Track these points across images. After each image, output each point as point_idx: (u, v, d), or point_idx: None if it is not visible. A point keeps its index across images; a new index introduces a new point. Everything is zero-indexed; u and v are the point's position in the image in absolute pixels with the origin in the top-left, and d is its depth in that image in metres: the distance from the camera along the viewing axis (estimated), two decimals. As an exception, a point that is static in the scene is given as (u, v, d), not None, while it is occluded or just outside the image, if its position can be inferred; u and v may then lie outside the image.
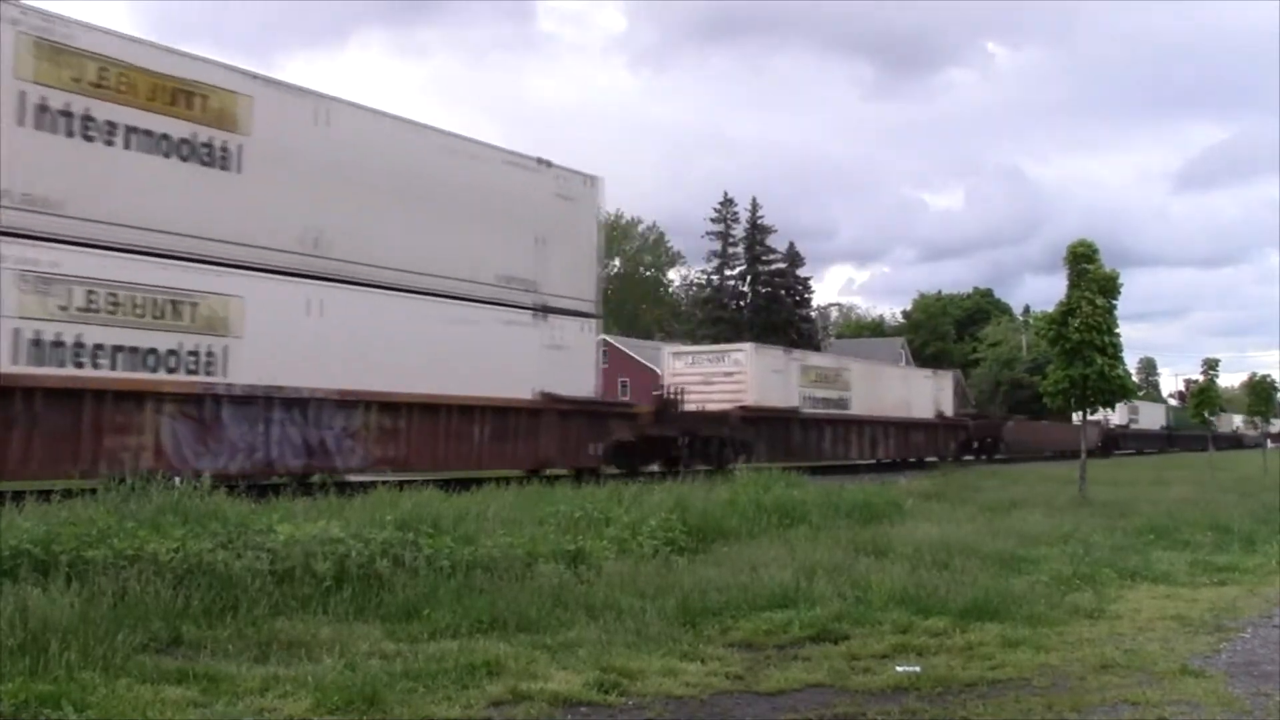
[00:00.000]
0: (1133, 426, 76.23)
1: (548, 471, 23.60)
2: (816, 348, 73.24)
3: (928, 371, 50.54)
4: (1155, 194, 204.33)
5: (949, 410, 48.46)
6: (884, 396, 42.31)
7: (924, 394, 46.15)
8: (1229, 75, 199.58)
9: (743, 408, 32.88)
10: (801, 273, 79.43)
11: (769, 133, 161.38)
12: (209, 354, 17.18)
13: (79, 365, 15.54)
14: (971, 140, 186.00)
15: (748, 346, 36.23)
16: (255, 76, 18.52)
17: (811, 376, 37.48)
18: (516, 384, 22.64)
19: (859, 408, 39.92)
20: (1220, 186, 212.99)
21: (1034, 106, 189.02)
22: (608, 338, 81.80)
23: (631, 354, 78.39)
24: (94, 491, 11.00)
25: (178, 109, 16.93)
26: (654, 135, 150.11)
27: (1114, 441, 68.84)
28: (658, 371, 54.65)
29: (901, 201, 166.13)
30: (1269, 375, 52.96)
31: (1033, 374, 76.07)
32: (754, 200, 79.02)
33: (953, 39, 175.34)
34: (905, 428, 43.90)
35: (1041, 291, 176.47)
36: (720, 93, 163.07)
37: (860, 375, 41.20)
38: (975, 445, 50.27)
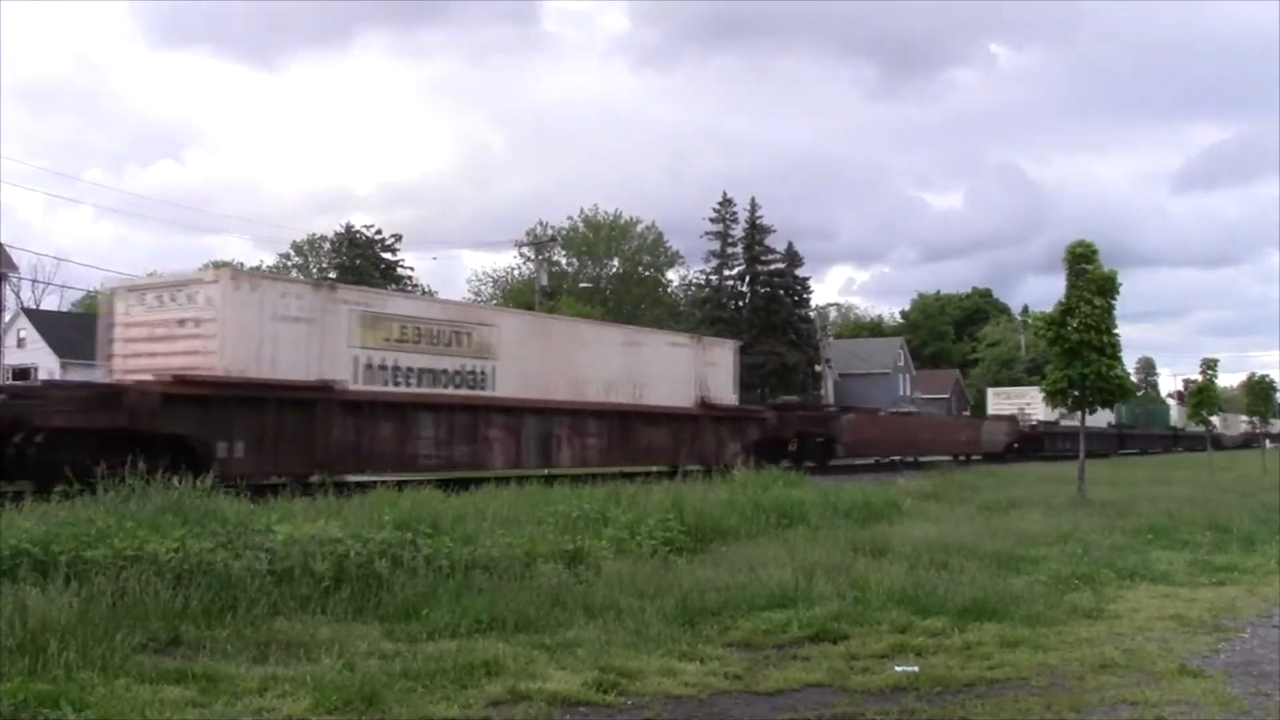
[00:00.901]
0: (1066, 423, 61.32)
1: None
2: (815, 348, 73.00)
3: (680, 337, 33.86)
4: (1156, 194, 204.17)
5: (727, 396, 32.63)
6: (578, 372, 26.87)
7: (673, 371, 30.24)
8: (1230, 75, 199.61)
9: (181, 379, 18.94)
10: (801, 273, 79.28)
11: (771, 133, 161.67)
12: None
13: None
14: (973, 140, 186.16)
15: (224, 274, 20.92)
16: None
17: (393, 333, 22.43)
18: None
19: (514, 387, 24.84)
20: (1221, 186, 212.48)
21: (1036, 107, 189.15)
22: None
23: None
24: (94, 491, 11.00)
25: None
26: (656, 136, 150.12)
27: (1035, 442, 55.96)
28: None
29: (903, 202, 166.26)
30: (1268, 375, 52.40)
31: (1031, 374, 76.02)
32: (753, 200, 78.90)
33: (955, 39, 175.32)
34: (626, 420, 28.38)
35: (1042, 291, 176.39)
36: (722, 93, 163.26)
37: (519, 335, 25.61)
38: (792, 447, 35.91)
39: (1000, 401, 63.09)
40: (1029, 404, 58.63)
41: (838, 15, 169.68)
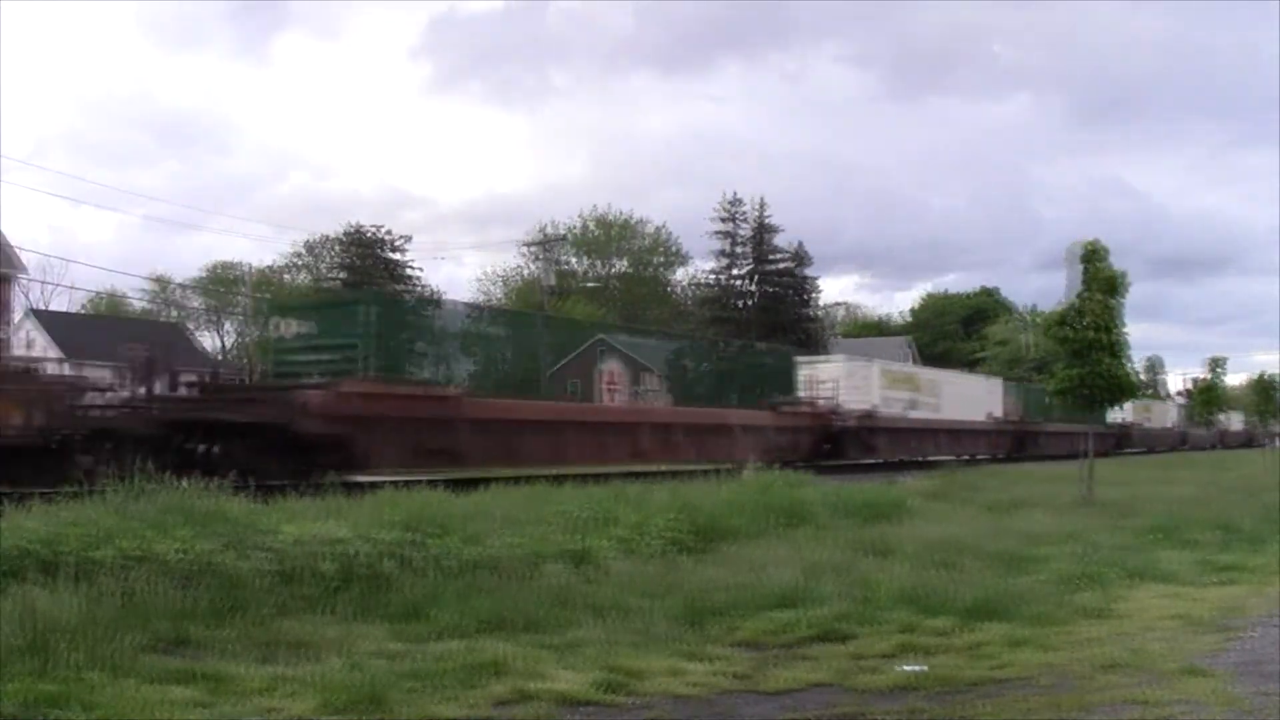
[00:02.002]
0: (916, 414, 43.45)
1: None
2: (823, 348, 72.96)
3: None
4: (1162, 195, 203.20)
5: None
6: None
7: None
8: (1233, 78, 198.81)
9: None
10: (808, 272, 79.31)
11: (777, 134, 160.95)
12: None
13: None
14: (977, 140, 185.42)
15: None
16: None
17: None
18: None
19: None
20: (1227, 186, 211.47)
21: (1040, 107, 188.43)
22: (607, 337, 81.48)
23: (632, 354, 78.31)
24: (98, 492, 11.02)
25: None
26: (660, 137, 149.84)
27: (858, 442, 38.46)
28: (656, 373, 39.46)
29: (908, 201, 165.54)
30: (1271, 374, 51.56)
31: (1038, 372, 75.76)
32: (760, 200, 78.90)
33: (960, 43, 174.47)
34: None
35: (1046, 291, 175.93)
36: (728, 95, 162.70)
37: None
38: (199, 447, 19.59)
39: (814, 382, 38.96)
40: (858, 386, 39.48)
41: (844, 18, 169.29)
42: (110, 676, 6.16)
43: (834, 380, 39.17)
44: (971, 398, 49.45)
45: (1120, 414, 65.09)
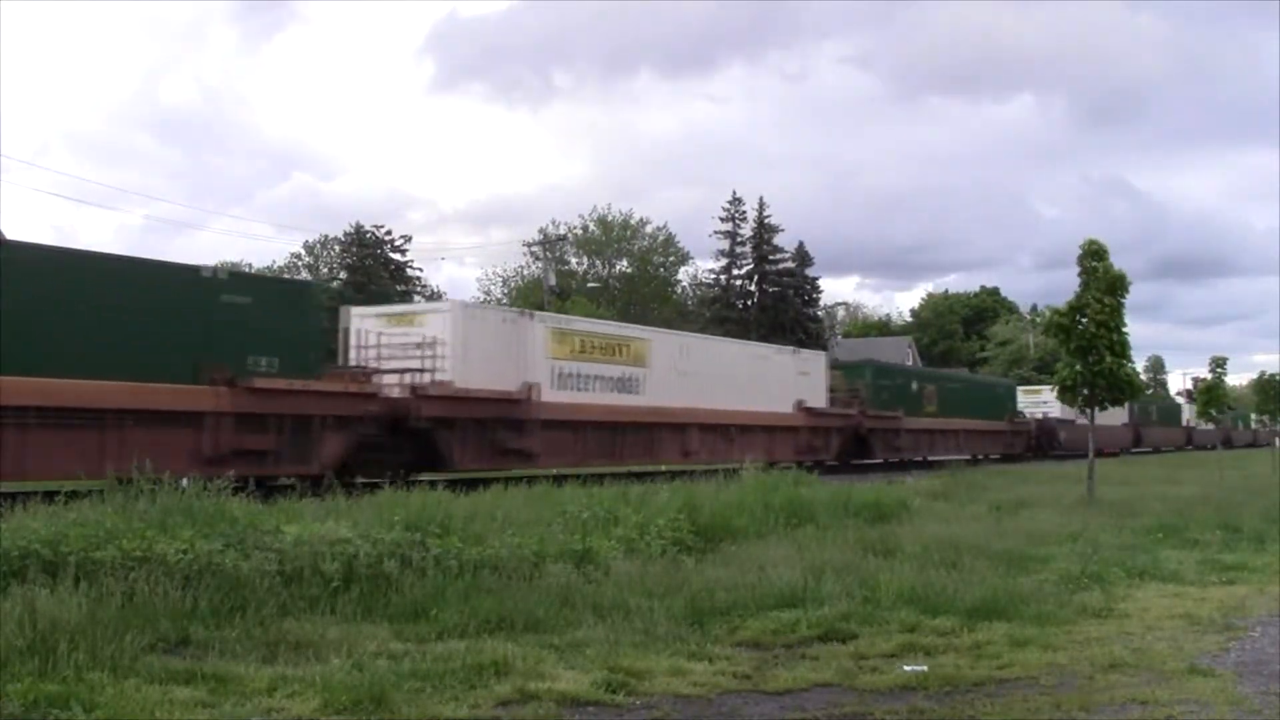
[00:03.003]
0: (633, 400, 29.70)
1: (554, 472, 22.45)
2: (824, 347, 72.93)
3: None
4: (1167, 195, 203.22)
5: None
6: None
7: None
8: (1234, 79, 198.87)
9: None
10: (810, 272, 79.24)
11: (777, 134, 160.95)
12: None
13: None
14: (978, 141, 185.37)
15: None
16: None
17: None
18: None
19: None
20: (1227, 186, 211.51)
21: (1041, 108, 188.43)
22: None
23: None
24: (101, 492, 11.03)
25: None
26: (662, 137, 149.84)
27: (458, 439, 24.39)
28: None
29: (908, 202, 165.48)
30: (1274, 374, 51.38)
31: (1040, 372, 75.71)
32: (761, 200, 78.84)
33: (962, 44, 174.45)
34: None
35: (1046, 291, 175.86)
36: (729, 95, 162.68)
37: None
38: None
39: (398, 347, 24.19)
40: (496, 351, 25.82)
41: (845, 19, 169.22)
42: (112, 677, 6.17)
43: (440, 342, 24.14)
44: (766, 380, 34.94)
45: (1044, 407, 53.90)
